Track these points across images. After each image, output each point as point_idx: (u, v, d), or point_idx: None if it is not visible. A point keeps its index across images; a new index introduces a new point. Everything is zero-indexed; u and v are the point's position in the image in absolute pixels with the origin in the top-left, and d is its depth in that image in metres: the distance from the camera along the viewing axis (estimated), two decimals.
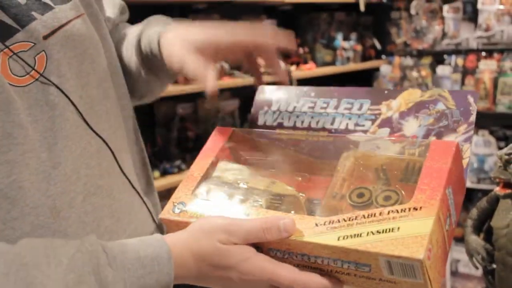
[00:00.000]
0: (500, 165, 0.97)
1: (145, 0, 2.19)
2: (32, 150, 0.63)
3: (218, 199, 0.71)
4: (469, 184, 2.70)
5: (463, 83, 2.71)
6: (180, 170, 2.25)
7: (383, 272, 0.60)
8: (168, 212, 0.70)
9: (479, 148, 2.68)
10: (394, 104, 0.75)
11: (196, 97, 2.44)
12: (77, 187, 0.67)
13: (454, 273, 2.77)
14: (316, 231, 0.62)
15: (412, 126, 0.73)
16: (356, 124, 0.76)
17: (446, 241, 0.63)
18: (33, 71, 0.64)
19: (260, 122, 0.82)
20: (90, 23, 0.73)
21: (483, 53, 2.66)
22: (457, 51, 2.74)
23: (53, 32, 0.66)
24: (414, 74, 2.83)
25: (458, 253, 2.68)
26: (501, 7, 2.57)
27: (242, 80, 2.49)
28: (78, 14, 0.70)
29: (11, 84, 0.62)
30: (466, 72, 2.70)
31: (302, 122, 0.79)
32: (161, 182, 2.12)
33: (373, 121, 0.75)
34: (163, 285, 0.62)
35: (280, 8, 2.91)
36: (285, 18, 2.97)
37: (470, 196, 2.74)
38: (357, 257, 0.60)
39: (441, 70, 2.76)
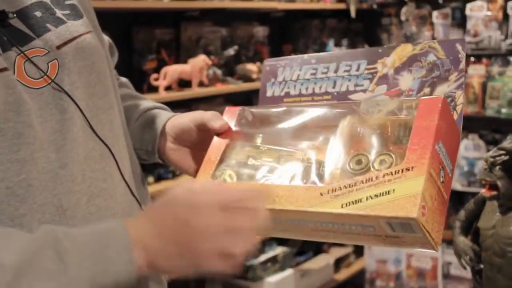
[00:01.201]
0: (485, 168, 1.00)
1: (138, 7, 2.21)
2: (41, 150, 0.66)
3: (234, 179, 0.76)
4: (459, 187, 2.73)
5: None
6: (174, 175, 2.27)
7: (386, 230, 0.66)
8: None
9: (469, 151, 2.71)
10: (388, 61, 0.77)
11: (190, 103, 2.46)
12: (82, 188, 0.70)
13: (446, 276, 2.80)
14: (322, 200, 0.68)
15: (407, 80, 0.75)
16: (356, 85, 0.79)
17: (443, 191, 0.67)
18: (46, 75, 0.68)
19: (269, 94, 0.87)
20: (98, 39, 0.77)
21: (472, 58, 2.70)
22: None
23: (65, 43, 0.71)
24: None
25: (449, 255, 2.71)
26: (489, 13, 2.61)
27: (234, 86, 2.51)
28: (88, 30, 0.75)
29: (25, 85, 0.66)
30: None
31: (307, 88, 0.83)
32: (156, 188, 2.13)
33: (371, 80, 0.78)
34: (121, 247, 0.61)
35: (272, 15, 2.94)
36: (278, 25, 3.00)
37: (461, 199, 2.76)
38: (361, 221, 0.66)
39: None
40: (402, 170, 0.65)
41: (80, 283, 0.58)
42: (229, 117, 0.83)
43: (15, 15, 0.68)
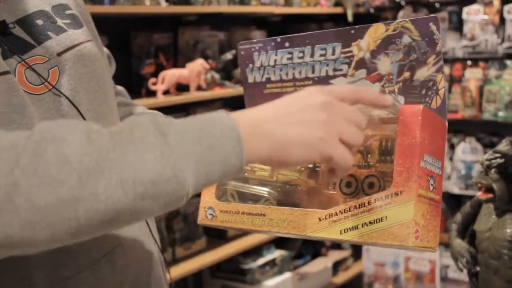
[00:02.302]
0: (481, 171, 1.01)
1: (136, 12, 2.22)
2: None
3: (236, 199, 0.80)
4: (457, 191, 2.73)
5: (450, 91, 2.75)
6: None
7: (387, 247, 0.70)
8: (203, 219, 0.80)
9: (466, 155, 2.72)
10: (363, 44, 0.75)
11: (188, 107, 2.47)
12: None
13: (444, 279, 2.80)
14: (321, 226, 0.71)
15: (385, 64, 0.74)
16: (335, 69, 0.77)
17: (435, 196, 0.69)
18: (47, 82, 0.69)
19: (250, 80, 0.85)
20: (98, 48, 0.79)
21: (469, 62, 2.71)
22: (443, 60, 2.78)
23: (66, 50, 0.72)
24: None
25: (447, 258, 2.72)
26: (485, 17, 2.62)
27: (232, 90, 2.52)
28: (89, 39, 0.76)
29: (27, 92, 0.67)
30: (453, 80, 2.75)
31: (287, 74, 0.81)
32: None
33: (349, 64, 0.76)
34: (227, 126, 0.60)
35: (269, 19, 2.95)
36: (275, 29, 3.01)
37: (458, 202, 2.77)
38: (361, 244, 0.70)
39: None
40: (392, 195, 0.67)
41: (183, 157, 0.57)
42: None
43: (15, 25, 0.69)
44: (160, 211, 0.59)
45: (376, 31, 0.74)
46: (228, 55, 2.59)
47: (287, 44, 0.81)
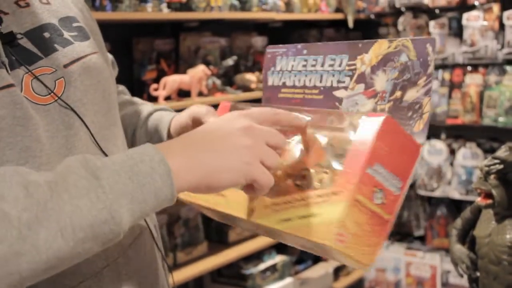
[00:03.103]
0: (481, 176, 1.02)
1: (138, 18, 2.23)
2: (48, 163, 0.67)
3: None
4: (457, 196, 2.74)
5: (450, 97, 2.76)
6: None
7: (315, 248, 0.69)
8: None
9: (467, 160, 2.72)
10: (366, 59, 0.76)
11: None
12: None
13: (445, 284, 2.80)
14: (264, 213, 0.72)
15: (381, 81, 0.74)
16: (339, 81, 0.79)
17: (381, 213, 0.67)
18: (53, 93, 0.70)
19: (270, 82, 0.89)
20: (103, 60, 0.80)
21: (469, 68, 2.72)
22: (444, 66, 2.80)
23: (72, 62, 0.73)
24: None
25: (448, 264, 2.72)
26: (485, 23, 2.63)
27: (234, 96, 2.53)
28: (94, 51, 0.77)
29: (32, 102, 0.68)
30: (453, 86, 2.76)
31: (299, 80, 0.84)
32: None
33: (351, 77, 0.77)
34: (156, 161, 0.62)
35: (270, 25, 2.96)
36: (276, 35, 3.02)
37: (459, 208, 2.78)
38: (293, 236, 0.69)
39: None
40: (330, 194, 0.67)
41: (117, 198, 0.59)
42: (222, 112, 0.85)
43: (23, 36, 0.70)
44: (98, 250, 0.61)
45: (380, 47, 0.75)
46: (229, 61, 2.60)
47: (305, 52, 0.84)
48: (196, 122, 0.87)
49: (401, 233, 3.02)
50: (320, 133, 0.74)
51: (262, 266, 2.63)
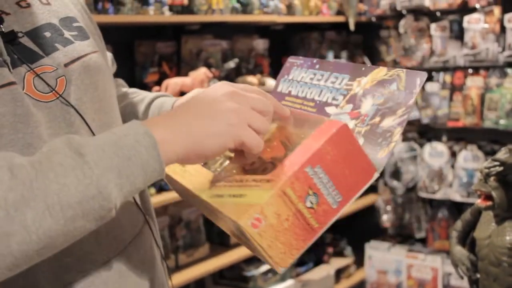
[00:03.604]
0: (481, 178, 1.02)
1: (139, 21, 2.24)
2: None
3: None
4: (458, 198, 2.74)
5: (451, 99, 2.76)
6: None
7: (236, 232, 0.68)
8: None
9: (468, 162, 2.73)
10: (363, 81, 0.77)
11: None
12: None
13: (446, 286, 2.80)
14: (204, 186, 0.72)
15: (367, 105, 0.74)
16: (333, 98, 0.80)
17: (310, 218, 0.65)
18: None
19: (278, 89, 0.90)
20: (103, 58, 0.81)
21: (470, 70, 2.72)
22: (445, 69, 2.80)
23: (73, 61, 0.73)
24: None
25: (449, 266, 2.72)
26: (486, 25, 2.64)
27: None
28: (94, 50, 0.78)
29: (34, 99, 0.69)
30: (454, 88, 2.76)
31: (303, 91, 0.85)
32: (157, 199, 2.15)
33: (345, 96, 0.78)
34: (141, 133, 0.62)
35: (272, 28, 2.97)
36: (277, 38, 3.03)
37: (460, 210, 2.78)
38: (218, 212, 0.68)
39: (430, 87, 2.82)
40: (263, 180, 0.66)
41: (104, 173, 0.59)
42: None
43: (24, 35, 0.71)
44: (93, 227, 0.61)
45: (378, 73, 0.76)
46: (231, 64, 2.61)
47: (317, 66, 0.86)
48: None
49: (402, 235, 3.02)
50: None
51: (264, 268, 2.63)
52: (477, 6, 2.67)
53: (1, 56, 0.67)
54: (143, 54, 2.40)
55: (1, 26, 0.69)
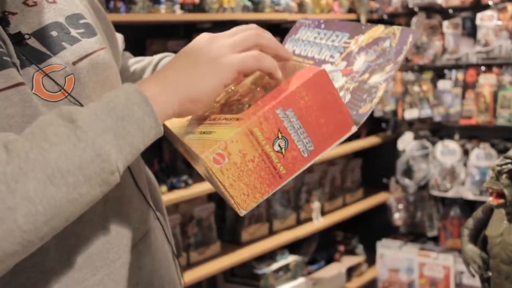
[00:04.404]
0: (492, 176, 1.02)
1: (151, 20, 2.25)
2: None
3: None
4: (471, 196, 2.73)
5: (463, 97, 2.75)
6: (187, 184, 2.29)
7: (204, 170, 0.66)
8: None
9: (481, 160, 2.71)
10: (360, 39, 0.76)
11: None
12: None
13: (458, 285, 2.79)
14: (180, 125, 0.72)
15: (360, 62, 0.73)
16: (331, 56, 0.79)
17: (277, 163, 0.64)
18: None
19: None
20: (111, 54, 0.80)
21: (483, 68, 2.71)
22: (457, 66, 2.78)
23: (80, 59, 0.73)
24: (416, 89, 2.87)
25: (462, 264, 2.71)
26: (499, 22, 2.62)
27: None
28: (102, 47, 0.78)
29: (43, 99, 0.69)
30: (467, 86, 2.75)
31: (305, 50, 0.84)
32: (168, 197, 2.16)
33: (341, 53, 0.77)
34: (131, 91, 0.62)
35: (283, 26, 2.97)
36: None
37: (473, 208, 2.76)
38: (190, 151, 0.67)
39: (442, 84, 2.81)
40: (233, 119, 0.65)
41: (99, 135, 0.59)
42: None
43: (30, 36, 0.71)
44: (98, 193, 0.60)
45: (375, 31, 0.75)
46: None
47: (323, 26, 0.85)
48: None
49: (414, 234, 3.01)
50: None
51: (275, 266, 2.63)
52: (490, 3, 2.65)
53: (10, 58, 0.67)
54: (154, 52, 2.38)
55: (8, 28, 0.70)
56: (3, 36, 0.68)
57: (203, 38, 0.69)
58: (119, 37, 0.96)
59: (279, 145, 0.63)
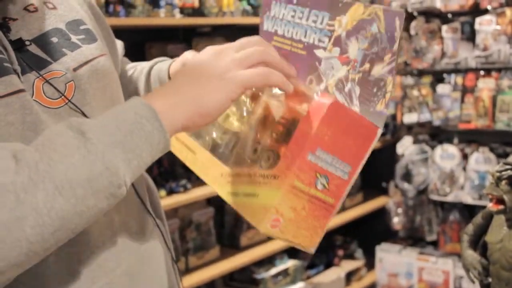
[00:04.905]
0: (492, 182, 1.01)
1: (150, 24, 2.25)
2: None
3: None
4: (470, 201, 2.72)
5: (462, 101, 2.75)
6: (185, 189, 2.29)
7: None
8: None
9: (480, 165, 2.71)
10: (343, 21, 0.75)
11: None
12: None
13: None
14: (219, 180, 0.74)
15: (354, 49, 0.73)
16: (319, 40, 0.78)
17: (324, 197, 0.67)
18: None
19: (265, 27, 0.88)
20: (111, 61, 0.80)
21: (482, 72, 2.71)
22: (456, 70, 2.79)
23: (81, 66, 0.73)
24: (415, 93, 2.87)
25: (461, 269, 2.70)
26: (498, 27, 2.62)
27: None
28: (102, 53, 0.78)
29: (43, 105, 0.69)
30: (466, 90, 2.75)
31: (288, 31, 0.83)
32: (167, 201, 2.16)
33: (329, 38, 0.76)
34: (139, 106, 0.62)
35: None
36: None
37: (472, 213, 2.76)
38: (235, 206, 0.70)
39: (441, 88, 2.81)
40: (270, 176, 0.66)
41: (108, 148, 0.59)
42: None
43: (31, 42, 0.71)
44: (105, 206, 0.60)
45: (356, 11, 0.74)
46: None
47: (294, 1, 0.83)
48: None
49: (413, 238, 3.01)
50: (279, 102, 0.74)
51: (274, 270, 2.63)
52: (489, 7, 2.65)
53: (11, 65, 0.67)
54: (154, 56, 2.39)
55: (9, 34, 0.69)
56: (4, 42, 0.67)
57: (209, 52, 0.69)
58: (119, 44, 0.95)
59: (321, 183, 0.66)
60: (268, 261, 2.64)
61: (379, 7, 0.71)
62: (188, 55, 0.88)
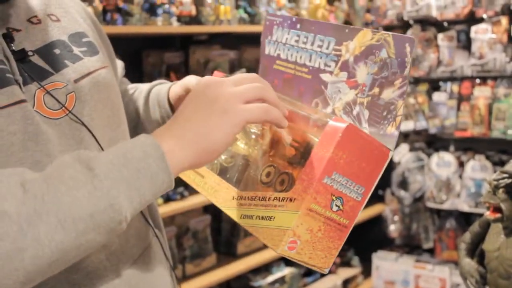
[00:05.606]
0: (489, 190, 1.02)
1: (147, 32, 2.25)
2: None
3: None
4: (466, 208, 2.73)
5: (458, 109, 2.76)
6: (182, 196, 2.29)
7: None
8: None
9: (476, 172, 2.72)
10: (351, 46, 0.76)
11: None
12: None
13: None
14: (230, 204, 0.75)
15: (362, 73, 0.74)
16: (325, 64, 0.79)
17: (340, 219, 0.68)
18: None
19: (266, 51, 0.89)
20: (113, 74, 0.81)
21: (477, 80, 2.72)
22: (452, 78, 2.80)
23: (82, 77, 0.74)
24: (411, 101, 2.88)
25: (458, 277, 2.70)
26: (493, 36, 2.64)
27: None
28: (104, 65, 0.78)
29: (44, 116, 0.69)
30: (462, 98, 2.76)
31: (292, 55, 0.84)
32: (164, 209, 2.16)
33: (336, 62, 0.78)
34: (149, 145, 0.63)
35: None
36: None
37: (469, 220, 2.77)
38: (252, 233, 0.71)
39: (437, 96, 2.82)
40: (286, 199, 0.68)
41: (114, 185, 0.60)
42: None
43: (34, 53, 0.72)
44: (103, 240, 0.61)
45: (364, 37, 0.75)
46: (239, 74, 2.62)
47: (298, 26, 0.84)
48: (189, 92, 0.87)
49: (410, 246, 3.01)
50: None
51: (271, 278, 2.62)
52: (485, 16, 2.67)
53: (13, 75, 0.68)
54: (151, 64, 2.42)
55: (12, 44, 0.70)
56: (6, 53, 0.68)
57: (210, 86, 0.69)
58: (119, 64, 0.96)
59: (336, 205, 0.68)
60: (265, 268, 2.64)
61: (388, 33, 0.73)
62: (191, 81, 0.88)
